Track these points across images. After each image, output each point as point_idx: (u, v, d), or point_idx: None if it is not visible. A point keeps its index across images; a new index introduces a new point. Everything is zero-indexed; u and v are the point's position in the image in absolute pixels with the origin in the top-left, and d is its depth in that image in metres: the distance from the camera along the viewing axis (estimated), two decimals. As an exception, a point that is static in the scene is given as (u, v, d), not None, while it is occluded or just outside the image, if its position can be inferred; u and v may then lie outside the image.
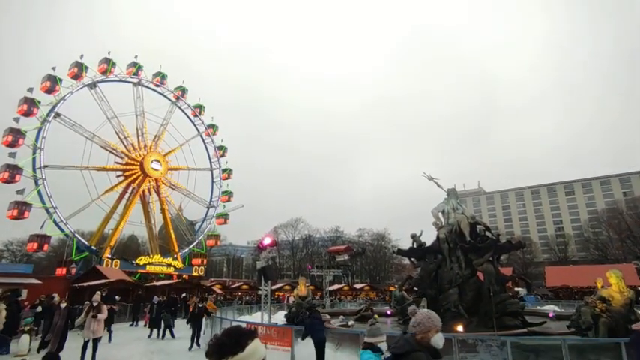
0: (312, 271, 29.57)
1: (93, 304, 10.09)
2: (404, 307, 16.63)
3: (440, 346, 2.57)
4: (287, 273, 71.54)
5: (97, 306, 10.02)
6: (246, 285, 46.93)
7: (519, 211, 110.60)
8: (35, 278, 26.31)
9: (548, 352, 7.09)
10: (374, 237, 75.62)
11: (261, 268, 14.60)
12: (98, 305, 10.10)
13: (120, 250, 48.44)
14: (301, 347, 9.42)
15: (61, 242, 48.70)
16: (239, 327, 1.68)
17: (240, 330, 1.61)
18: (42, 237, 34.77)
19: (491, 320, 11.95)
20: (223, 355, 1.47)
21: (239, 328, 1.63)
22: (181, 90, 48.14)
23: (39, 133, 35.25)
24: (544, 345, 7.46)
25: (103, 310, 10.17)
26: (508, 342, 6.92)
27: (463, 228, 15.56)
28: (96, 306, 10.01)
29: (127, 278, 30.80)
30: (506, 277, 15.79)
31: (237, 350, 1.49)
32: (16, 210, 32.99)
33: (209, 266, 55.95)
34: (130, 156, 42.19)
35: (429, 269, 16.42)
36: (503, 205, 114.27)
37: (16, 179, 33.21)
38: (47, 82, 36.07)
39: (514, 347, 6.92)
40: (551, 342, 7.49)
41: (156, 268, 40.83)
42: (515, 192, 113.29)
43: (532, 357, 7.09)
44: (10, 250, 63.83)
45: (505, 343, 6.93)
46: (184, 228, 49.25)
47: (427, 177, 18.78)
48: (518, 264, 64.51)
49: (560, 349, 6.58)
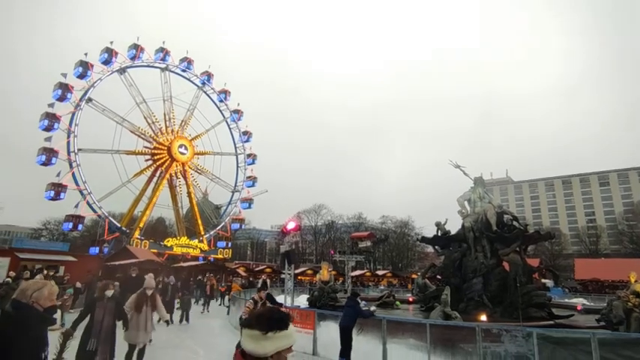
0: (335, 257, 29.76)
1: (146, 292, 7.15)
2: (426, 294, 16.57)
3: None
4: (309, 258, 72.35)
5: (151, 296, 7.20)
6: (269, 268, 47.84)
7: (549, 201, 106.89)
8: (71, 256, 27.71)
9: (576, 345, 6.89)
10: (397, 224, 75.23)
11: (285, 252, 14.82)
12: (153, 295, 7.25)
13: (149, 231, 50.26)
14: (323, 330, 9.58)
15: (94, 223, 50.96)
16: (281, 309, 1.76)
17: (284, 312, 1.71)
18: (76, 217, 36.54)
19: (516, 311, 11.75)
20: (272, 329, 1.56)
21: (283, 311, 1.73)
22: (207, 75, 48.68)
23: (72, 118, 36.66)
24: (572, 338, 7.26)
25: (158, 302, 7.42)
26: (534, 333, 6.78)
27: (490, 217, 15.24)
28: (150, 295, 7.17)
29: (156, 259, 31.98)
30: (533, 269, 15.43)
31: (284, 327, 1.60)
32: (52, 191, 34.72)
33: (234, 249, 57.20)
34: (158, 140, 43.31)
35: (453, 258, 16.25)
36: (531, 194, 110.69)
37: (52, 162, 34.81)
38: (79, 68, 37.25)
39: (540, 339, 6.77)
40: (580, 335, 7.27)
41: (183, 250, 42.20)
42: (545, 182, 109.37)
43: (559, 350, 6.92)
44: (47, 229, 67.48)
45: (531, 334, 6.79)
46: (210, 211, 50.43)
47: (454, 165, 18.41)
48: (545, 255, 62.75)
49: (589, 343, 6.39)
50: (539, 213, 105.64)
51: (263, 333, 1.55)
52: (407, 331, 8.80)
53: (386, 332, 8.41)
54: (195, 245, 43.63)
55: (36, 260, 23.26)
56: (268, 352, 1.54)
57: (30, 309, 2.71)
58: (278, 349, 1.56)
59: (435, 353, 7.76)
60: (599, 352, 6.18)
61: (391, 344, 8.35)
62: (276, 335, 1.56)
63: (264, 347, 1.55)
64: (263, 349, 1.54)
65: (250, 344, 1.56)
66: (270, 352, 1.55)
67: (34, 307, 2.73)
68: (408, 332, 8.73)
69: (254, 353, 1.55)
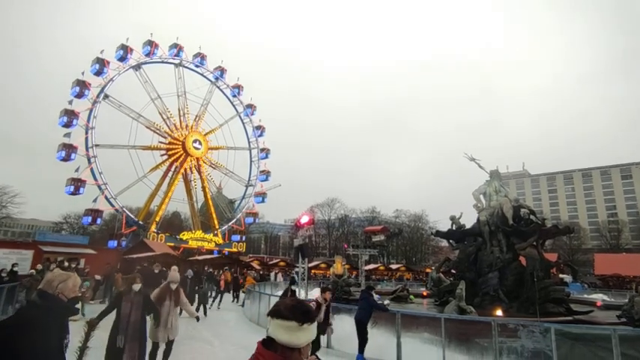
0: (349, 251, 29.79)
1: (170, 286, 6.75)
2: (441, 289, 16.46)
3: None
4: (323, 252, 72.57)
5: (176, 290, 6.78)
6: (283, 262, 48.20)
7: (567, 195, 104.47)
8: (91, 249, 28.43)
9: (596, 342, 6.74)
10: (411, 218, 74.73)
11: (299, 245, 14.90)
12: (177, 290, 6.82)
13: (164, 225, 51.14)
14: (337, 323, 9.59)
15: (112, 217, 52.17)
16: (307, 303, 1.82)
17: (310, 305, 1.77)
18: (95, 211, 37.42)
19: (533, 306, 11.56)
20: (307, 320, 1.59)
21: (309, 304, 1.79)
22: (220, 70, 48.93)
23: (90, 114, 37.39)
24: (591, 334, 7.10)
25: (183, 298, 6.95)
26: (552, 329, 6.65)
27: (506, 211, 14.97)
28: (175, 290, 6.76)
29: (172, 252, 32.52)
30: (551, 263, 15.13)
31: (315, 319, 1.63)
32: (72, 186, 35.59)
33: (248, 243, 57.84)
34: (172, 135, 43.86)
35: (468, 252, 16.05)
36: (549, 188, 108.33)
37: (71, 158, 35.63)
38: (96, 65, 37.91)
39: (558, 335, 6.65)
40: (600, 332, 7.10)
41: (198, 244, 42.83)
42: (564, 174, 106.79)
43: (578, 346, 6.78)
44: (68, 223, 69.38)
45: (549, 330, 6.67)
46: (224, 206, 50.98)
47: (469, 158, 18.11)
48: (564, 250, 61.53)
49: (610, 339, 6.24)
50: (557, 207, 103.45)
51: (299, 324, 1.56)
52: (421, 325, 8.76)
53: (400, 326, 8.37)
54: (210, 239, 44.23)
55: (58, 253, 23.93)
56: (302, 342, 1.57)
57: (55, 299, 2.80)
58: (309, 340, 1.60)
59: (449, 347, 7.70)
60: (620, 349, 6.02)
61: (405, 338, 8.32)
62: (309, 327, 1.59)
63: (299, 338, 1.56)
64: (298, 340, 1.56)
65: (285, 335, 1.56)
66: (304, 344, 1.58)
67: (59, 297, 2.83)
68: (423, 326, 8.69)
69: (290, 344, 1.55)
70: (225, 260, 36.05)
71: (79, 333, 3.85)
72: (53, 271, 3.06)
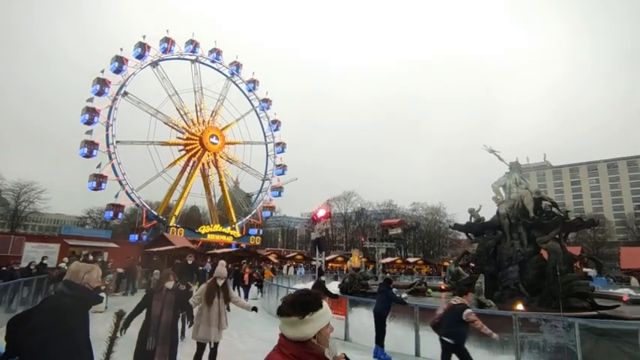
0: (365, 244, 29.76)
1: (217, 282, 6.13)
2: (459, 282, 16.26)
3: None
4: (340, 245, 72.67)
5: (223, 286, 6.18)
6: (300, 255, 48.52)
7: (592, 186, 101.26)
8: (113, 243, 29.23)
9: (622, 337, 6.54)
10: (428, 211, 74.00)
11: (316, 239, 14.96)
12: (225, 285, 6.23)
13: (183, 219, 52.14)
14: (355, 316, 9.63)
15: (133, 211, 53.37)
16: (310, 290, 1.80)
17: (314, 292, 1.76)
18: (117, 206, 38.42)
19: (555, 301, 11.30)
20: (308, 312, 1.61)
21: (313, 291, 1.79)
22: (236, 65, 49.17)
23: (110, 111, 38.20)
24: (617, 330, 6.89)
25: (232, 293, 6.44)
26: (576, 324, 6.49)
27: (526, 203, 14.61)
28: (222, 285, 6.15)
29: (191, 245, 33.14)
30: (575, 257, 14.73)
31: (318, 307, 1.64)
32: (94, 182, 36.60)
33: (265, 236, 58.43)
34: (190, 131, 44.46)
35: (487, 245, 15.77)
36: (572, 180, 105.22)
37: (93, 154, 36.57)
38: (115, 63, 38.64)
39: (583, 330, 6.48)
40: (627, 327, 6.88)
41: (216, 237, 43.51)
42: (588, 165, 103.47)
43: (603, 341, 6.59)
44: (91, 218, 71.53)
45: (573, 324, 6.51)
46: (241, 200, 51.54)
47: (488, 149, 17.72)
48: (587, 243, 59.88)
49: (637, 335, 6.06)
50: (580, 199, 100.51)
51: (300, 318, 1.59)
52: (440, 319, 8.67)
53: (418, 319, 8.33)
54: (228, 232, 44.84)
55: (82, 247, 24.70)
56: (308, 334, 1.59)
57: (83, 288, 3.02)
58: (317, 329, 1.62)
59: (468, 341, 7.60)
60: (648, 345, 5.84)
61: (424, 331, 8.27)
62: (312, 317, 1.60)
63: (303, 331, 1.59)
64: (303, 333, 1.59)
65: (290, 331, 1.61)
66: (311, 335, 1.60)
67: (85, 286, 3.04)
68: (441, 320, 8.60)
69: (296, 338, 1.59)
70: (243, 253, 36.57)
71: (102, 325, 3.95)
72: (77, 263, 3.24)
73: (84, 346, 2.95)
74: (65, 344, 2.76)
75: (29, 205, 61.39)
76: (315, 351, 1.58)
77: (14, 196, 60.39)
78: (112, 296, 15.39)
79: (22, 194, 59.87)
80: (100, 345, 3.12)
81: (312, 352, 1.57)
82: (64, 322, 2.80)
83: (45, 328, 2.71)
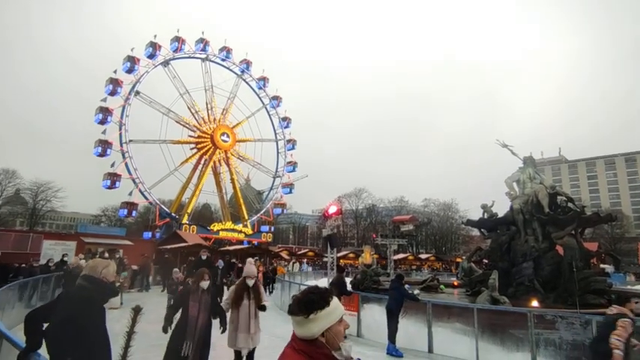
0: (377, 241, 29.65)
1: (247, 282, 5.58)
2: (472, 278, 16.11)
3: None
4: (351, 242, 72.63)
5: (254, 286, 5.61)
6: (311, 252, 48.64)
7: (609, 181, 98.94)
8: (128, 240, 29.76)
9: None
10: (440, 207, 73.42)
11: (327, 235, 14.91)
12: (256, 285, 5.67)
13: (196, 217, 52.59)
14: (367, 312, 9.61)
15: (146, 209, 54.24)
16: (319, 286, 1.77)
17: (321, 288, 1.72)
18: (130, 204, 38.98)
19: (571, 297, 11.13)
20: (313, 310, 1.59)
21: (320, 287, 1.74)
22: (246, 63, 49.31)
23: (123, 111, 38.66)
24: (636, 327, 6.74)
25: (263, 294, 5.86)
26: (594, 321, 6.35)
27: (541, 199, 14.38)
28: (253, 286, 5.58)
29: (204, 243, 33.47)
30: (591, 253, 14.45)
31: (324, 305, 1.61)
32: (109, 180, 37.17)
33: (276, 233, 58.68)
34: (201, 129, 44.79)
35: (500, 241, 15.57)
36: (589, 174, 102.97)
37: (107, 153, 37.12)
38: (127, 63, 39.09)
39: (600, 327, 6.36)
40: (646, 324, 6.73)
41: (228, 234, 43.86)
42: (605, 160, 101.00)
43: (621, 338, 6.46)
44: (106, 216, 72.85)
45: (590, 321, 6.39)
46: (252, 197, 51.79)
47: (501, 144, 17.46)
48: (605, 239, 58.64)
49: (658, 332, 5.91)
50: (597, 194, 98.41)
51: (305, 317, 1.58)
52: (453, 315, 8.63)
53: (431, 316, 8.28)
54: (239, 230, 45.16)
55: (98, 244, 25.24)
56: (315, 333, 1.58)
57: (102, 282, 3.23)
58: (324, 327, 1.59)
59: (482, 338, 7.54)
60: (669, 342, 5.68)
61: (437, 328, 8.23)
62: (317, 316, 1.58)
63: (310, 330, 1.59)
64: (309, 331, 1.58)
65: (298, 329, 1.62)
66: (317, 333, 1.58)
67: (103, 280, 3.25)
68: (454, 316, 8.56)
69: (304, 337, 1.59)
70: (255, 250, 36.77)
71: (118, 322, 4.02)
72: (94, 259, 3.53)
73: (102, 337, 3.13)
74: (86, 335, 2.94)
75: (46, 204, 62.82)
76: (323, 350, 1.57)
77: (32, 195, 61.89)
78: (127, 293, 15.67)
79: (39, 193, 61.31)
80: (115, 340, 3.21)
81: (320, 351, 1.56)
82: (86, 314, 3.00)
83: (67, 320, 2.90)
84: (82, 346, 2.90)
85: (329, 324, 1.60)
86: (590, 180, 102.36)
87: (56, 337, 2.88)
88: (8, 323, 7.41)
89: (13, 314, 8.97)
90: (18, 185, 60.82)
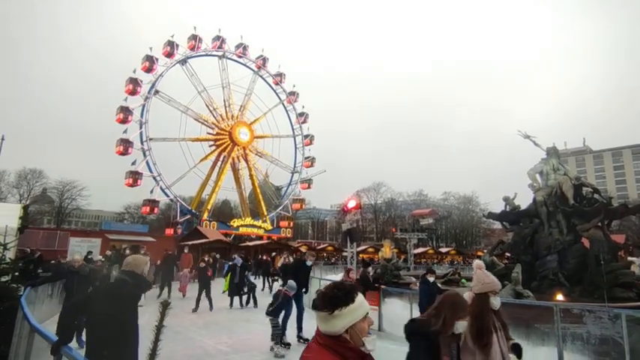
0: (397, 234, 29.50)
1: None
2: (494, 272, 15.86)
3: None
4: (370, 236, 72.48)
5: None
6: (331, 247, 48.81)
7: (637, 171, 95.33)
8: (150, 237, 30.54)
9: (673, 328, 6.21)
10: (460, 200, 72.37)
11: (347, 230, 14.95)
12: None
13: (216, 213, 53.48)
14: (388, 306, 9.61)
15: (167, 206, 55.30)
16: (344, 282, 1.76)
17: (347, 284, 1.71)
18: (152, 201, 39.92)
19: (598, 291, 10.83)
20: (337, 307, 1.57)
21: (346, 283, 1.72)
22: (262, 59, 49.54)
23: (143, 110, 39.49)
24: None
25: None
26: (623, 315, 6.18)
27: (565, 190, 13.99)
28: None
29: (224, 238, 34.06)
30: (619, 246, 14.03)
31: (349, 302, 1.59)
32: (131, 178, 38.09)
33: (295, 228, 59.10)
34: (219, 126, 45.37)
35: (523, 234, 15.26)
36: (615, 164, 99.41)
37: (128, 152, 38.03)
38: (146, 63, 39.85)
39: (630, 321, 6.17)
40: (678, 318, 6.52)
41: (247, 230, 44.44)
42: (632, 149, 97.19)
43: (652, 333, 6.28)
44: (129, 213, 74.86)
45: (619, 316, 6.22)
46: (271, 193, 52.21)
47: (523, 135, 17.03)
48: (632, 231, 56.65)
49: (692, 326, 5.73)
50: (624, 185, 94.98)
51: (329, 313, 1.57)
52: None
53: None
54: (259, 225, 45.67)
55: (122, 241, 25.95)
56: (339, 329, 1.57)
57: (143, 278, 3.47)
58: (348, 324, 1.58)
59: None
60: None
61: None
62: (342, 312, 1.57)
63: (334, 326, 1.57)
64: (333, 327, 1.58)
65: (322, 325, 1.61)
66: (341, 330, 1.58)
67: (144, 276, 3.50)
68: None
69: (327, 333, 1.59)
70: (274, 245, 37.18)
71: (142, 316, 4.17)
72: (135, 257, 3.65)
73: (136, 330, 3.31)
74: (126, 329, 3.13)
75: (72, 202, 64.98)
76: (347, 345, 1.57)
77: (58, 194, 64.11)
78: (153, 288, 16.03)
79: (65, 192, 63.48)
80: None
81: (345, 346, 1.56)
82: (126, 308, 3.21)
83: (110, 314, 3.06)
84: (122, 340, 3.05)
85: (353, 321, 1.59)
86: (617, 170, 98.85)
87: (97, 330, 3.02)
88: (39, 317, 7.72)
89: (43, 309, 9.29)
90: (44, 185, 63.15)
